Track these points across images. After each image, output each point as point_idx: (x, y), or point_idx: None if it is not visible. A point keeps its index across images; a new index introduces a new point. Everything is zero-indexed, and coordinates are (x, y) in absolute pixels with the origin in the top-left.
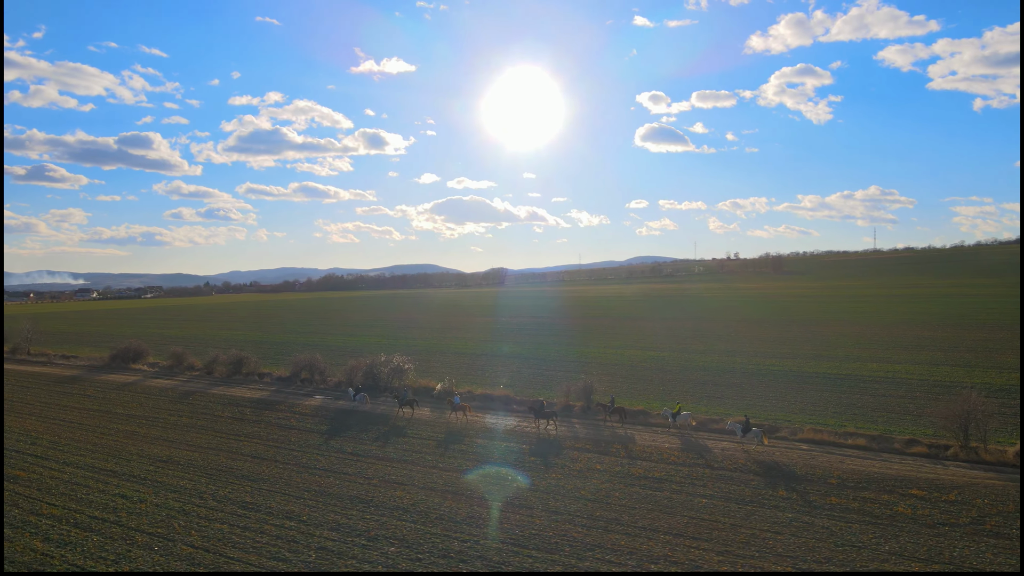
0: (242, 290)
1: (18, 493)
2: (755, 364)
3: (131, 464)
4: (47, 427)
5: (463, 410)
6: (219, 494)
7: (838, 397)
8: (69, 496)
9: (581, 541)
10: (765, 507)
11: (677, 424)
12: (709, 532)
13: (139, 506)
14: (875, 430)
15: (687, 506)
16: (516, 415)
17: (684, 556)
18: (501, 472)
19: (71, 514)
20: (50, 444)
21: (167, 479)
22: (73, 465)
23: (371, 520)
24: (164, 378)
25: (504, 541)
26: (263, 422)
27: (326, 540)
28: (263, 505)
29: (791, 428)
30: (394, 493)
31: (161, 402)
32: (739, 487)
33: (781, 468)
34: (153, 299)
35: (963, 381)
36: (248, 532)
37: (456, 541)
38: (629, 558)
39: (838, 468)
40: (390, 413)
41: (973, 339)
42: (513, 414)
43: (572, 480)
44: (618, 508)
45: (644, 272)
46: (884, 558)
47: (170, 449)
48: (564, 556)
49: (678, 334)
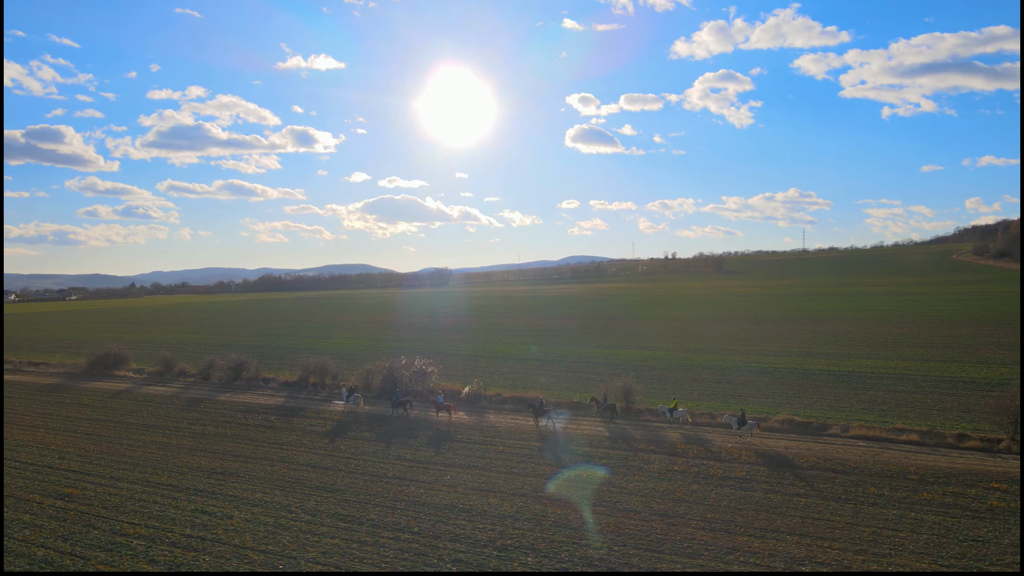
0: (174, 291)
1: (84, 512)
2: (754, 363)
3: (185, 477)
4: (65, 440)
5: (447, 410)
6: (306, 507)
7: (855, 394)
8: (144, 514)
9: (714, 544)
10: (865, 504)
11: (674, 419)
12: (831, 531)
13: (229, 522)
14: (912, 425)
15: (788, 505)
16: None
17: (824, 556)
18: (582, 475)
19: (162, 533)
20: (81, 458)
21: (235, 492)
22: (124, 480)
23: (488, 530)
24: (158, 385)
25: (637, 547)
26: (296, 429)
27: (456, 552)
28: (362, 517)
29: (841, 425)
30: (489, 500)
31: (171, 410)
32: (825, 484)
33: (853, 465)
34: (79, 301)
35: (961, 376)
36: (367, 547)
37: (588, 548)
38: (772, 559)
39: (908, 464)
40: (425, 417)
41: (942, 335)
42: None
43: (658, 482)
44: (724, 509)
45: (589, 271)
46: (1007, 551)
47: (215, 460)
48: (706, 560)
49: (665, 334)
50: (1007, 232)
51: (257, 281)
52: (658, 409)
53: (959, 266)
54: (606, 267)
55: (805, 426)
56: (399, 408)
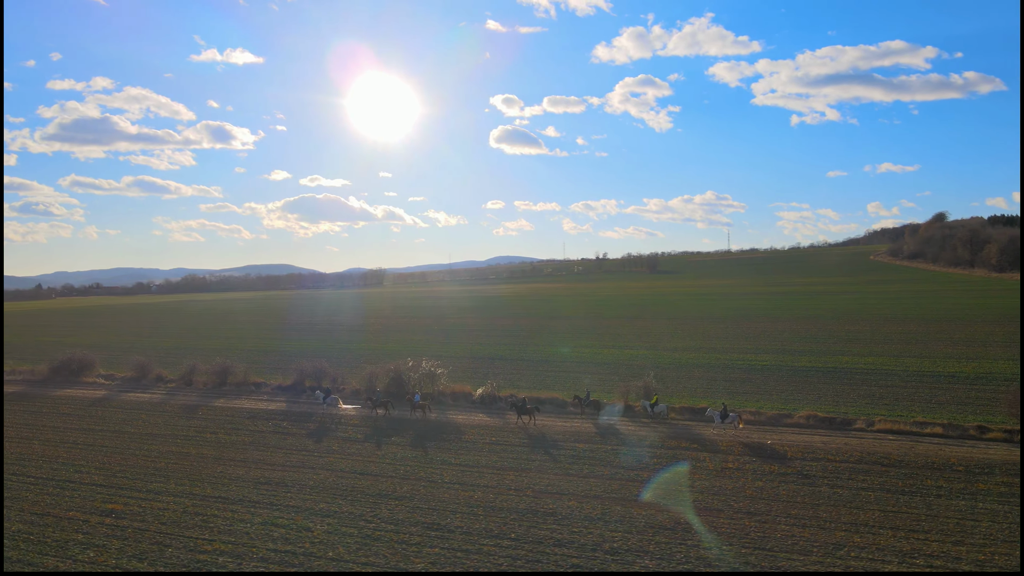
0: (89, 293)
1: (142, 529)
2: (734, 359)
3: (229, 488)
4: (69, 452)
5: (423, 408)
6: (381, 515)
7: (851, 389)
8: (210, 528)
9: (818, 541)
10: (931, 496)
11: (655, 414)
12: (917, 524)
13: (311, 535)
14: (932, 418)
15: (859, 499)
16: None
17: (930, 549)
18: (632, 475)
19: (245, 550)
20: (101, 471)
21: (294, 502)
22: (163, 493)
23: (586, 533)
24: (137, 391)
25: (746, 547)
26: (314, 436)
27: (570, 558)
28: (448, 525)
29: (865, 420)
30: (566, 503)
31: (168, 418)
32: (882, 478)
33: (897, 459)
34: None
35: (941, 371)
36: (472, 555)
37: (699, 548)
38: (882, 554)
39: (945, 456)
40: (446, 420)
41: (901, 333)
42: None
43: (722, 479)
44: (801, 505)
45: (525, 271)
46: None
47: (250, 469)
48: (819, 557)
49: (644, 333)
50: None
51: (180, 282)
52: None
53: (877, 266)
54: (542, 267)
55: (829, 421)
56: (379, 408)
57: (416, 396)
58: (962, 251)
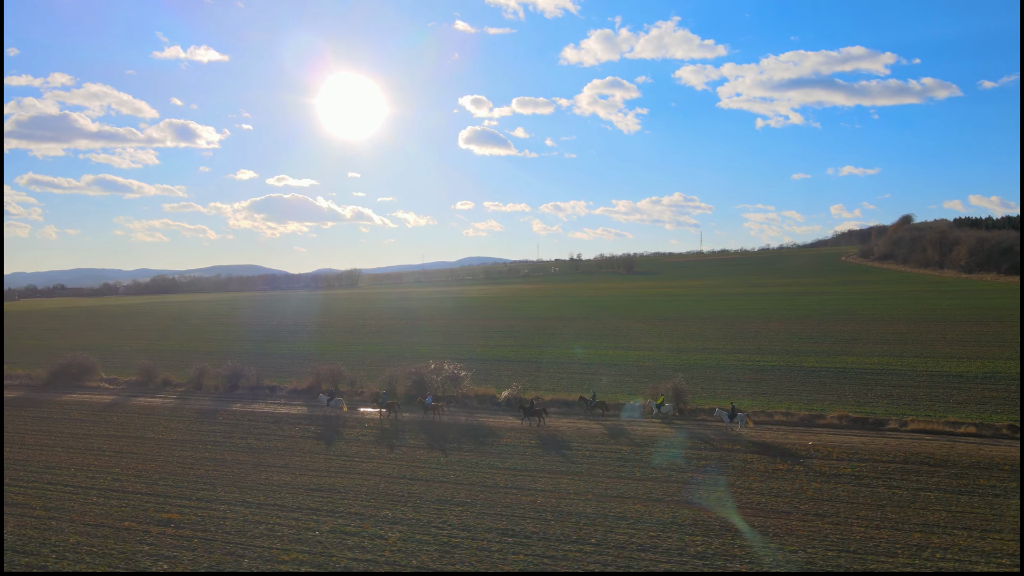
0: (53, 294)
1: (210, 539)
2: (742, 360)
3: (282, 495)
4: (97, 459)
5: (435, 410)
6: (450, 522)
7: (867, 389)
8: (280, 537)
9: (899, 542)
10: (988, 496)
11: (662, 414)
12: (985, 523)
13: (385, 542)
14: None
15: (920, 499)
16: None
17: (1008, 548)
18: (685, 477)
19: (324, 559)
20: (139, 478)
21: (356, 509)
22: (216, 501)
23: (665, 537)
24: (146, 396)
25: (830, 550)
26: (346, 439)
27: (659, 564)
28: (524, 531)
29: (898, 420)
30: (632, 507)
31: (188, 423)
32: (933, 478)
33: (942, 458)
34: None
35: (948, 371)
36: (559, 561)
37: (783, 551)
38: (967, 555)
39: (987, 455)
40: (476, 423)
41: (894, 333)
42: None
43: (774, 481)
44: (866, 506)
45: (502, 272)
46: None
47: (295, 476)
48: (905, 558)
49: (644, 334)
50: (885, 236)
51: (149, 283)
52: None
53: (850, 267)
54: (518, 268)
55: (862, 422)
56: (383, 409)
57: (428, 398)
58: (932, 252)
